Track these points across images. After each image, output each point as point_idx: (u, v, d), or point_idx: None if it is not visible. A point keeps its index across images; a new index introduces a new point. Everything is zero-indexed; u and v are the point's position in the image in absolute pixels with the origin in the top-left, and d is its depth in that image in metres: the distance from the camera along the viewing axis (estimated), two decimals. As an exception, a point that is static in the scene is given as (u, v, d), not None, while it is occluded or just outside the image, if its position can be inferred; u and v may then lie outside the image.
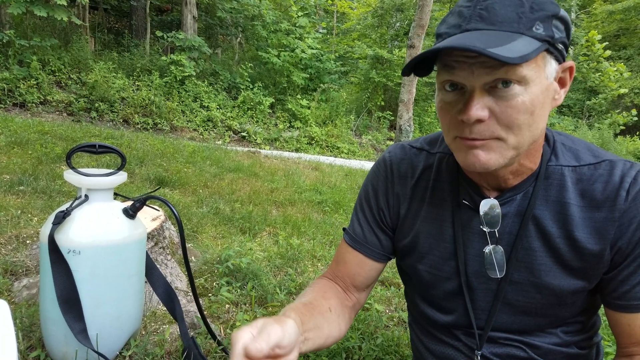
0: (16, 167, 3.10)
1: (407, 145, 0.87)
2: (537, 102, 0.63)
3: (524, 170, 0.73)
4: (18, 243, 1.83)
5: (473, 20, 0.62)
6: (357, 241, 0.89)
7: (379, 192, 0.88)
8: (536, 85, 0.62)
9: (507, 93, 0.62)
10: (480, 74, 0.61)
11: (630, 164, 0.70)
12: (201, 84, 9.30)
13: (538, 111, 0.64)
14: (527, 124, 0.63)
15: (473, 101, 0.63)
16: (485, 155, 0.65)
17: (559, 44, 0.63)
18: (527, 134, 0.64)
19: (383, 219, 0.88)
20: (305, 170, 5.38)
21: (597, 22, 17.72)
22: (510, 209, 0.74)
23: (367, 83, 12.39)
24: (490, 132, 0.64)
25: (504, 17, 0.61)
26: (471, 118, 0.62)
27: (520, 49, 0.58)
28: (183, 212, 2.74)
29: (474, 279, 0.78)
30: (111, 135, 5.11)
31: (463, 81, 0.63)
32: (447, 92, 0.66)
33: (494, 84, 0.62)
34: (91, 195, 1.13)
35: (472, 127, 0.64)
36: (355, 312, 0.92)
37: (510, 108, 0.62)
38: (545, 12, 0.61)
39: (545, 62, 0.63)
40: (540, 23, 0.61)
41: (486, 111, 0.63)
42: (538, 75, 0.62)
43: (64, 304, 1.06)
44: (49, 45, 7.63)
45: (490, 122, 0.63)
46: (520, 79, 0.61)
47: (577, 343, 0.80)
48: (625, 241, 0.69)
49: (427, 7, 7.14)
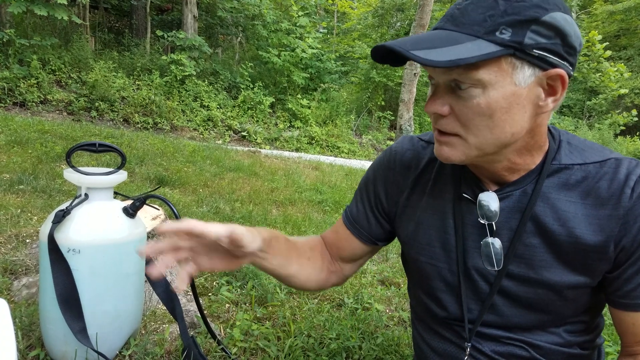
0: (16, 166, 3.10)
1: (415, 138, 0.90)
2: (496, 106, 0.63)
3: (518, 168, 0.73)
4: (18, 242, 1.83)
5: (444, 20, 0.65)
6: (350, 220, 0.94)
7: (378, 179, 0.90)
8: (496, 90, 0.62)
9: (463, 94, 0.64)
10: (439, 72, 0.65)
11: (636, 162, 0.70)
12: (201, 83, 9.29)
13: (500, 115, 0.63)
14: (486, 125, 0.64)
15: (435, 96, 0.67)
16: (447, 151, 0.69)
17: (535, 50, 0.61)
18: (489, 136, 0.65)
19: (379, 205, 0.90)
20: (305, 169, 5.38)
21: (598, 23, 17.71)
22: (508, 203, 0.75)
23: (368, 83, 12.38)
24: (451, 128, 0.67)
25: (469, 19, 0.62)
26: (429, 111, 0.68)
27: (460, 52, 0.58)
28: (183, 212, 2.74)
29: (474, 271, 0.78)
30: (111, 134, 5.11)
31: (433, 75, 0.67)
32: (431, 85, 0.71)
33: (455, 83, 0.64)
34: (91, 194, 1.13)
35: (436, 120, 0.68)
36: (337, 278, 0.97)
37: (466, 108, 0.64)
38: (518, 17, 0.59)
39: (513, 67, 0.61)
40: (507, 28, 0.59)
41: (446, 107, 0.66)
42: (500, 80, 0.61)
43: (63, 303, 1.06)
44: (49, 44, 7.62)
45: (451, 119, 0.67)
46: (475, 82, 0.62)
47: (580, 344, 0.80)
48: (629, 239, 0.68)
49: (427, 7, 7.14)
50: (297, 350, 1.35)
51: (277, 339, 1.41)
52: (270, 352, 1.33)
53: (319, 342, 1.43)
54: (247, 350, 1.35)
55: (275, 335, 1.43)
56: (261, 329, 1.45)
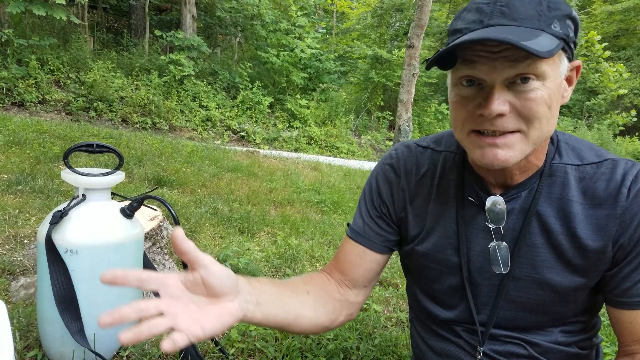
0: (14, 166, 3.09)
1: (413, 144, 0.89)
2: (553, 96, 0.65)
3: (530, 167, 0.74)
4: (15, 243, 1.83)
5: (495, 16, 0.63)
6: (358, 233, 0.89)
7: (383, 187, 0.89)
8: (552, 81, 0.64)
9: (526, 88, 0.64)
10: (503, 68, 0.63)
11: (632, 163, 0.72)
12: (200, 83, 9.29)
13: (555, 106, 0.66)
14: (546, 117, 0.65)
15: (494, 96, 0.64)
16: (504, 153, 0.66)
17: (572, 43, 0.66)
18: (546, 128, 0.67)
19: (387, 213, 0.88)
20: (304, 170, 5.38)
21: (597, 23, 17.73)
22: (515, 205, 0.75)
23: (367, 83, 12.38)
24: (513, 125, 0.65)
25: (524, 14, 0.62)
26: (493, 112, 0.63)
27: (545, 44, 0.59)
28: (181, 212, 2.74)
29: (477, 274, 0.79)
30: (109, 134, 5.10)
31: (483, 76, 0.65)
32: (463, 87, 0.68)
33: (514, 80, 0.64)
34: (89, 194, 1.13)
35: (493, 121, 0.65)
36: (348, 309, 0.88)
37: (530, 101, 0.64)
38: (561, 11, 0.63)
39: (560, 59, 0.66)
40: (557, 21, 0.63)
41: (507, 105, 0.64)
42: (554, 72, 0.64)
43: (61, 304, 1.06)
44: (47, 44, 7.61)
45: (511, 116, 0.65)
46: (540, 74, 0.63)
47: (578, 343, 0.81)
48: (627, 238, 0.70)
49: (426, 8, 7.14)
50: (294, 351, 1.35)
51: (275, 340, 1.42)
52: (267, 353, 1.33)
53: (316, 342, 1.43)
54: (244, 351, 1.35)
55: (272, 336, 1.43)
56: (259, 329, 1.45)
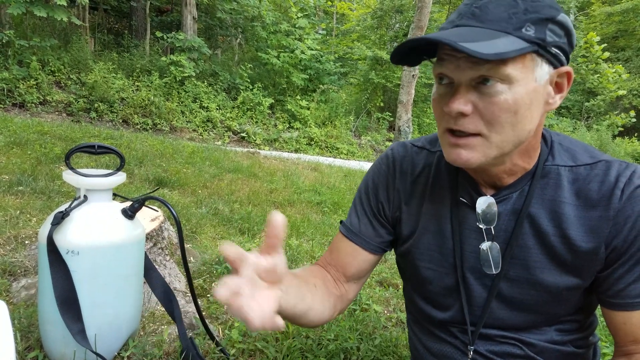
0: (15, 167, 3.10)
1: (408, 144, 0.89)
2: (521, 102, 0.63)
3: (518, 170, 0.74)
4: (17, 243, 1.83)
5: (465, 17, 0.65)
6: (353, 232, 0.89)
7: (379, 186, 0.89)
8: (521, 86, 0.63)
9: (489, 90, 0.63)
10: (465, 68, 0.63)
11: (625, 164, 0.72)
12: (201, 84, 9.29)
13: (523, 112, 0.64)
14: (510, 122, 0.64)
15: (457, 95, 0.65)
16: (466, 154, 0.67)
17: (553, 47, 0.64)
18: (511, 134, 0.65)
19: (382, 212, 0.88)
20: (304, 170, 5.38)
21: (596, 24, 17.74)
22: (507, 206, 0.75)
23: (367, 84, 12.39)
24: (474, 127, 0.65)
25: (494, 15, 0.62)
26: (452, 110, 0.64)
27: (500, 47, 0.59)
28: (182, 213, 2.74)
29: (470, 275, 0.79)
30: (110, 135, 5.11)
31: (451, 75, 0.66)
32: (440, 85, 0.69)
33: (479, 80, 0.63)
34: (90, 195, 1.14)
35: (457, 120, 0.66)
36: (342, 303, 0.89)
37: (492, 105, 0.63)
38: (539, 15, 0.62)
39: (535, 64, 0.64)
40: (531, 25, 0.62)
41: (469, 106, 0.64)
42: (524, 76, 0.63)
43: (62, 305, 1.06)
44: (48, 45, 7.62)
45: (474, 118, 0.65)
46: (504, 77, 0.62)
47: (573, 342, 0.81)
48: (620, 240, 0.69)
49: (426, 9, 7.15)
50: (295, 352, 1.35)
51: (276, 340, 1.42)
52: (268, 354, 1.33)
53: (317, 343, 1.43)
54: (245, 352, 1.35)
55: (273, 337, 1.43)
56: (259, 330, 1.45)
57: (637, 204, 0.68)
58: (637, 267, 0.70)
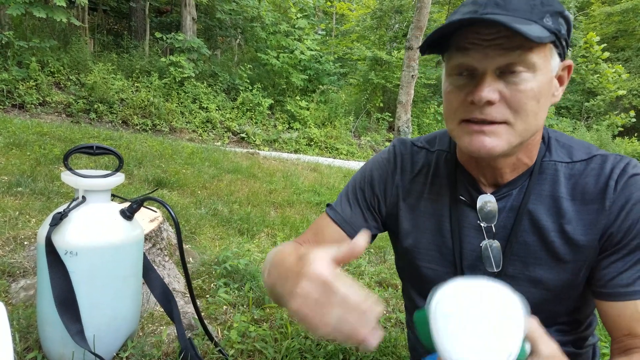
0: (14, 168, 3.10)
1: (409, 142, 0.90)
2: (543, 90, 0.66)
3: (520, 165, 0.75)
4: (16, 244, 1.83)
5: (489, 7, 0.65)
6: (344, 219, 0.87)
7: (378, 180, 0.88)
8: (543, 75, 0.65)
9: (516, 78, 0.64)
10: (495, 56, 0.64)
11: (620, 157, 0.73)
12: (200, 85, 9.30)
13: (543, 100, 0.66)
14: (533, 111, 0.66)
15: (485, 83, 0.65)
16: (490, 141, 0.66)
17: (563, 40, 0.67)
18: (533, 122, 0.67)
19: (375, 206, 0.88)
20: (303, 171, 5.39)
21: (596, 24, 17.75)
22: (506, 203, 0.76)
23: (366, 84, 12.39)
24: (501, 115, 0.66)
25: (517, 5, 0.64)
26: (482, 99, 0.64)
27: (537, 32, 0.61)
28: (181, 214, 2.74)
29: (470, 273, 0.79)
30: (110, 136, 5.11)
31: (476, 64, 0.66)
32: (457, 77, 0.69)
33: (505, 69, 0.64)
34: (89, 196, 1.14)
35: (482, 109, 0.66)
36: None
37: (519, 92, 0.65)
38: (554, 8, 0.65)
39: (552, 54, 0.66)
40: (549, 16, 0.64)
41: (497, 94, 0.65)
42: (545, 65, 0.65)
43: (61, 306, 1.06)
44: (48, 46, 7.62)
45: (500, 106, 0.65)
46: (530, 65, 0.64)
47: (573, 342, 0.81)
48: (615, 228, 0.70)
49: (425, 9, 7.16)
50: (294, 352, 1.35)
51: (274, 341, 1.42)
52: (267, 354, 1.33)
53: (316, 343, 1.43)
54: (244, 352, 1.35)
55: (272, 337, 1.43)
56: (258, 330, 1.45)
57: (631, 192, 0.69)
58: (629, 256, 0.70)
